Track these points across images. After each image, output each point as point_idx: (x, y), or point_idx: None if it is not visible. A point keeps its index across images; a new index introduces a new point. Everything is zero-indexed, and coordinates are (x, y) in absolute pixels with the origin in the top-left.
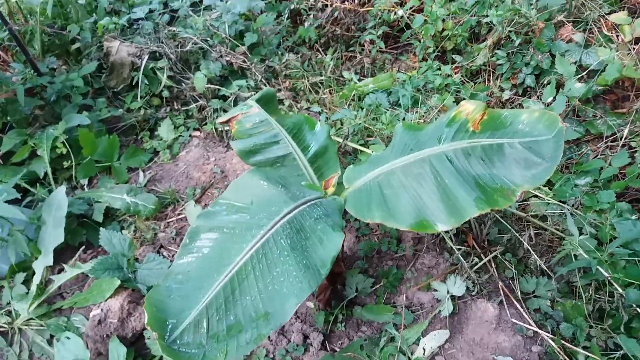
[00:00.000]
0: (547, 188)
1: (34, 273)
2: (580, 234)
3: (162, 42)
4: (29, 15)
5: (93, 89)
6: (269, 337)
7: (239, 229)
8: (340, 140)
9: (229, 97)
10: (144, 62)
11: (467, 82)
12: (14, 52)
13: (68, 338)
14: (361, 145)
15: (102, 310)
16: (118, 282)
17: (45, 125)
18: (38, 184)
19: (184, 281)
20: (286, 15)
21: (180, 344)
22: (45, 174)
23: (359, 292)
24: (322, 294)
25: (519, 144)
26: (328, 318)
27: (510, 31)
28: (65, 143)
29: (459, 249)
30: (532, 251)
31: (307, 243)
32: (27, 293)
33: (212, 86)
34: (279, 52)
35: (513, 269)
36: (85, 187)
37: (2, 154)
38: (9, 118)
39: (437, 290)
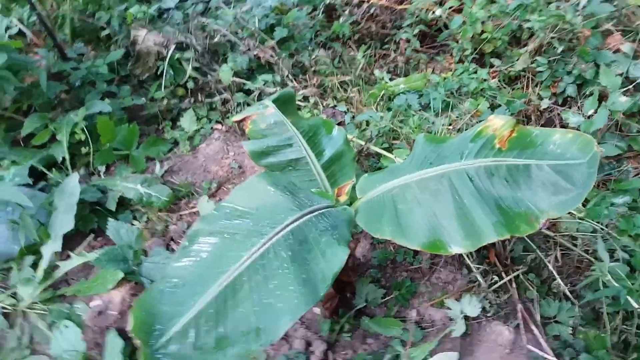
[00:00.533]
0: (580, 205)
1: (42, 257)
2: (612, 258)
3: (191, 33)
4: (62, 1)
5: (119, 77)
6: None
7: (239, 236)
8: (363, 142)
9: (253, 92)
10: (169, 52)
11: (504, 87)
12: (45, 36)
13: (66, 327)
14: (386, 148)
15: (103, 301)
16: (121, 275)
17: (69, 110)
18: (54, 169)
19: (178, 285)
20: (321, 10)
21: (164, 353)
22: (64, 159)
23: (368, 303)
24: (329, 302)
25: (547, 166)
26: (334, 327)
27: (553, 37)
28: (85, 129)
29: (478, 268)
30: (556, 274)
31: (309, 256)
32: (34, 277)
33: (237, 79)
34: (310, 48)
35: (535, 291)
36: (102, 174)
37: (23, 136)
38: (33, 101)
39: (450, 309)
